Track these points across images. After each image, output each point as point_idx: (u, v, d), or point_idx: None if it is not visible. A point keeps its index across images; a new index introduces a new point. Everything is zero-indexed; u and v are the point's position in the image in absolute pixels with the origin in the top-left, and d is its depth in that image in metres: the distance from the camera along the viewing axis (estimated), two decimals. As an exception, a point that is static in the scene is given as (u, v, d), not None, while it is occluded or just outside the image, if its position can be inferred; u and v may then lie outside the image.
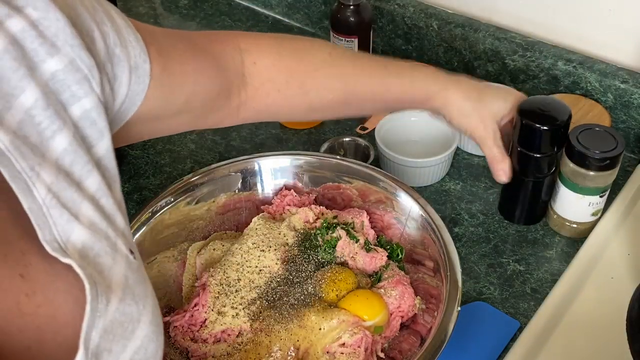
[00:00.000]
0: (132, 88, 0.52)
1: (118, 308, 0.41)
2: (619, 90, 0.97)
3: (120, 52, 0.49)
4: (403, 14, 1.14)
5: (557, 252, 0.87)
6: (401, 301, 0.72)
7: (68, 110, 0.43)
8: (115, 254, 0.43)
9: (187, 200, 0.80)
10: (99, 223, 0.43)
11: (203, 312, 0.72)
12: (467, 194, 0.95)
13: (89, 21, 0.47)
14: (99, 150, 0.45)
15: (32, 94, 0.41)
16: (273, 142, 1.05)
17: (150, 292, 0.46)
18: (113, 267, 0.43)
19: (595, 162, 0.79)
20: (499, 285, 0.83)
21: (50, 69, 0.42)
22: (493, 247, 0.88)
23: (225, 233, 0.84)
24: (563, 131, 0.81)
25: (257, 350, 0.69)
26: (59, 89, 0.43)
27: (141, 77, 0.52)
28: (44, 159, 0.41)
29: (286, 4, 1.31)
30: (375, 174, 0.81)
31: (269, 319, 0.70)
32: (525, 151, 0.82)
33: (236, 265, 0.74)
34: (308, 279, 0.73)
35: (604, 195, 0.84)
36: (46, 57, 0.42)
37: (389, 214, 0.80)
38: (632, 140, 0.99)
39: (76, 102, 0.44)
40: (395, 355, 0.71)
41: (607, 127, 0.82)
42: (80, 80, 0.44)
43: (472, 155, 1.01)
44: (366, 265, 0.76)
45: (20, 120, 0.40)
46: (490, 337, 0.76)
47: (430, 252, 0.74)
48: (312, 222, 0.79)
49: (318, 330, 0.69)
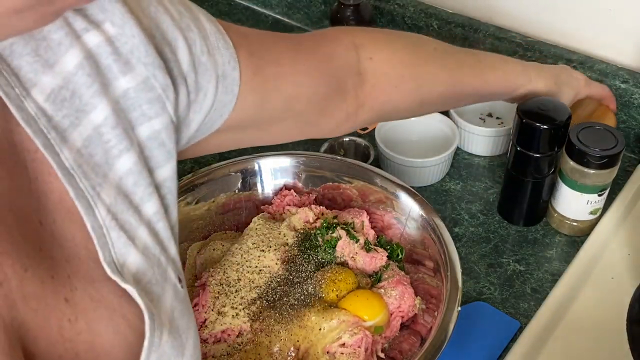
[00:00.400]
0: (219, 98, 0.49)
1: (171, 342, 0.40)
2: (619, 90, 0.97)
3: (207, 61, 0.47)
4: (403, 14, 1.14)
5: (557, 252, 0.87)
6: (401, 301, 0.72)
7: (136, 130, 0.42)
8: (164, 283, 0.42)
9: (187, 200, 0.80)
10: (152, 248, 0.42)
11: (203, 312, 0.72)
12: (467, 194, 0.95)
13: (173, 29, 0.45)
14: (162, 173, 0.44)
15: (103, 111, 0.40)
16: (273, 142, 1.05)
17: (193, 323, 0.45)
18: (162, 296, 0.41)
19: (595, 160, 0.79)
20: (499, 285, 0.83)
21: (122, 86, 0.41)
22: (493, 247, 0.88)
23: (225, 233, 0.84)
24: (563, 131, 0.81)
25: (257, 350, 0.69)
26: (129, 108, 0.42)
27: (229, 86, 0.50)
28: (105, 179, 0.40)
29: (286, 4, 1.31)
30: (375, 174, 0.81)
31: (269, 319, 0.70)
32: (524, 151, 0.82)
33: (236, 265, 0.74)
34: (308, 279, 0.73)
35: (602, 194, 0.84)
36: (119, 75, 0.41)
37: (389, 214, 0.80)
38: (632, 140, 0.99)
39: (146, 122, 0.42)
40: (395, 355, 0.71)
41: (608, 126, 0.82)
42: (152, 100, 0.43)
43: (472, 155, 1.01)
44: (366, 265, 0.76)
45: (88, 137, 0.39)
46: (490, 337, 0.76)
47: (430, 252, 0.74)
48: (312, 222, 0.79)
49: (318, 331, 0.69)
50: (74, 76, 0.39)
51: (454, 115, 0.99)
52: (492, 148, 1.00)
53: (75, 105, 0.39)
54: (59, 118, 0.38)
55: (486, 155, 1.01)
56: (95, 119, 0.40)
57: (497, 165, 0.99)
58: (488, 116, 1.04)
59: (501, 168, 0.98)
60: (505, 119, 1.03)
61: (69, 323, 0.37)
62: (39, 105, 0.38)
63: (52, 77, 0.39)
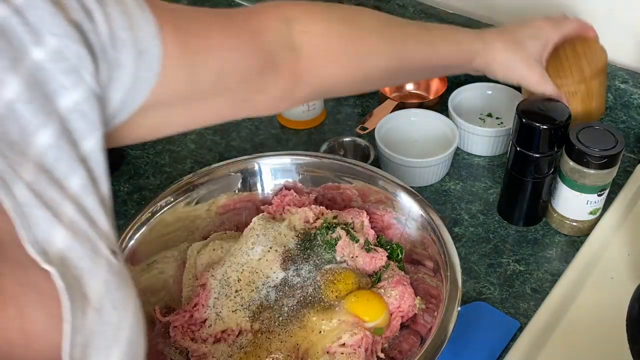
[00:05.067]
0: (140, 74, 0.48)
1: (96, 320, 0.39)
2: (619, 90, 0.97)
3: (127, 37, 0.46)
4: (403, 14, 1.14)
5: (557, 252, 0.87)
6: (401, 301, 0.72)
7: (56, 103, 0.41)
8: (95, 257, 0.41)
9: (187, 200, 0.80)
10: (80, 223, 0.41)
11: (203, 312, 0.72)
12: (467, 194, 0.95)
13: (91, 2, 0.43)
14: (87, 145, 0.43)
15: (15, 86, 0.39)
16: (273, 142, 1.05)
17: (132, 294, 0.43)
18: (93, 271, 0.40)
19: (595, 160, 0.79)
20: (499, 285, 0.83)
21: (35, 57, 0.40)
22: (493, 247, 0.88)
23: (225, 233, 0.84)
24: (562, 131, 0.81)
25: (257, 350, 0.69)
26: (45, 80, 0.40)
27: (149, 62, 0.48)
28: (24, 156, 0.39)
29: (286, 4, 1.31)
30: (375, 174, 0.81)
31: (269, 319, 0.70)
32: (524, 151, 0.82)
33: (236, 266, 0.74)
34: (308, 280, 0.73)
35: (602, 194, 0.84)
36: (31, 46, 0.40)
37: (389, 214, 0.80)
38: (632, 140, 0.99)
39: (65, 94, 0.41)
40: (395, 355, 0.71)
41: (608, 126, 0.82)
42: (67, 71, 0.41)
43: (472, 155, 1.01)
44: (366, 266, 0.76)
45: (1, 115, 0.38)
46: (490, 337, 0.76)
47: (430, 252, 0.74)
48: (312, 222, 0.79)
49: (318, 331, 0.69)
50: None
51: (454, 115, 0.99)
52: (492, 148, 1.00)
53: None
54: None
55: (486, 155, 1.01)
56: (6, 95, 0.39)
57: (497, 165, 0.99)
58: (488, 116, 1.04)
59: (501, 168, 0.99)
60: (505, 119, 1.03)
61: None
62: None
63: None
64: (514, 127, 0.83)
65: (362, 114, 1.08)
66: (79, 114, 0.42)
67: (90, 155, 0.43)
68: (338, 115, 1.09)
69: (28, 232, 0.38)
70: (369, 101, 1.11)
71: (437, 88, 1.10)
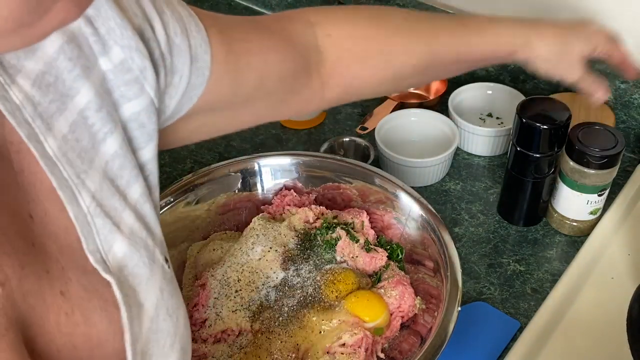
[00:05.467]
0: (192, 81, 0.49)
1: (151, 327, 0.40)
2: (619, 90, 0.97)
3: (182, 42, 0.47)
4: (403, 14, 1.13)
5: (558, 252, 0.87)
6: (401, 301, 0.72)
7: (119, 111, 0.42)
8: (153, 265, 0.42)
9: (187, 200, 0.80)
10: (139, 232, 0.41)
11: (203, 312, 0.72)
12: (467, 194, 0.95)
13: (151, 9, 0.45)
14: (145, 154, 0.44)
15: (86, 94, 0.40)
16: (273, 142, 1.05)
17: (182, 302, 0.45)
18: (150, 279, 0.41)
19: (595, 160, 0.79)
20: (499, 285, 0.83)
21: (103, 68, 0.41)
22: (493, 247, 0.88)
23: (225, 233, 0.84)
24: (563, 131, 0.81)
25: (257, 350, 0.69)
26: (110, 89, 0.42)
27: (200, 69, 0.50)
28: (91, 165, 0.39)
29: (286, 4, 1.31)
30: (375, 174, 0.81)
31: (269, 319, 0.70)
32: (524, 151, 0.82)
33: (236, 266, 0.74)
34: (308, 280, 0.73)
35: (602, 194, 0.84)
36: (99, 56, 0.41)
37: (389, 214, 0.80)
38: (632, 140, 0.99)
39: (126, 103, 0.42)
40: (395, 355, 0.71)
41: (608, 126, 0.82)
42: (130, 82, 0.43)
43: (472, 155, 1.01)
44: (366, 266, 0.76)
45: (74, 122, 0.39)
46: (491, 337, 0.76)
47: (430, 252, 0.74)
48: (312, 222, 0.79)
49: (318, 331, 0.69)
50: (55, 61, 0.39)
51: (454, 115, 0.99)
52: (492, 148, 1.00)
53: (59, 90, 0.39)
54: (46, 104, 0.38)
55: (486, 155, 1.01)
56: (79, 102, 0.39)
57: (497, 165, 0.99)
58: (488, 116, 1.04)
59: (501, 168, 0.98)
60: (506, 119, 1.03)
61: (66, 316, 0.37)
62: (26, 92, 0.38)
63: (34, 63, 0.38)
64: (514, 127, 0.83)
65: (362, 114, 1.08)
66: (137, 124, 0.43)
67: (146, 165, 0.44)
68: (338, 115, 1.09)
69: (89, 241, 0.38)
70: (369, 101, 1.11)
71: (437, 88, 1.10)
